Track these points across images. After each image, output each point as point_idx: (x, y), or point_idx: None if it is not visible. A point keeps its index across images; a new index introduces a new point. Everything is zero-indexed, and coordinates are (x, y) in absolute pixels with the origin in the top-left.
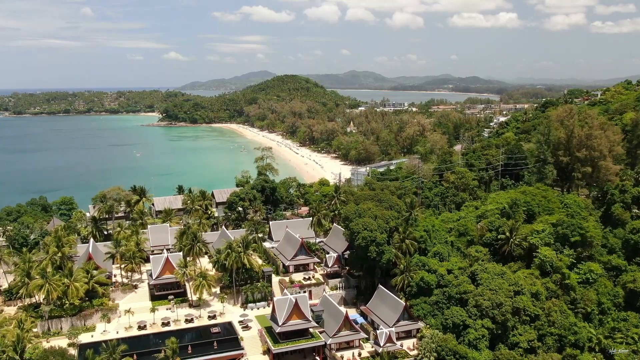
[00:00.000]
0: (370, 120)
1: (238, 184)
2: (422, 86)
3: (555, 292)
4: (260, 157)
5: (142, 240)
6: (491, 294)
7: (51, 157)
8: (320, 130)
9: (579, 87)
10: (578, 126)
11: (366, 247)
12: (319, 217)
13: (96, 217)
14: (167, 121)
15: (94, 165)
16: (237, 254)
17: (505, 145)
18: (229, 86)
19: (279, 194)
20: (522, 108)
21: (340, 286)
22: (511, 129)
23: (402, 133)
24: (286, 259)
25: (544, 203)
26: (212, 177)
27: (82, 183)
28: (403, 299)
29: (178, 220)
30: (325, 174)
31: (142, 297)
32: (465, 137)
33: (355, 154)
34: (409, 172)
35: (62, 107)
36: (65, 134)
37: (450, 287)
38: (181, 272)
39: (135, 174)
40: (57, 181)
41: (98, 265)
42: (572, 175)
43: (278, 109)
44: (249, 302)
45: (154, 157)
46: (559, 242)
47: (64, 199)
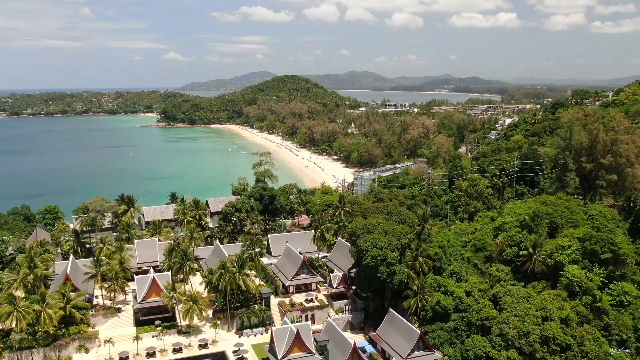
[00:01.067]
0: (372, 121)
1: (234, 192)
2: (422, 86)
3: (587, 316)
4: (259, 162)
5: (127, 258)
6: (517, 320)
7: (41, 159)
8: (320, 131)
9: (580, 87)
10: (602, 130)
11: (376, 267)
12: (322, 230)
13: (78, 230)
14: (166, 122)
15: (87, 168)
16: (231, 274)
17: (517, 148)
18: (229, 86)
19: (278, 202)
20: (525, 109)
21: (346, 309)
22: (520, 131)
23: (405, 135)
24: (286, 278)
25: (567, 214)
26: (210, 181)
27: (72, 188)
28: (416, 323)
29: (169, 233)
30: (327, 177)
31: (126, 321)
32: (470, 139)
33: (357, 157)
34: (417, 178)
35: (60, 108)
36: (59, 135)
37: (470, 312)
38: (169, 295)
39: (129, 178)
40: (45, 185)
41: (76, 286)
42: (596, 184)
43: (278, 110)
44: (245, 327)
45: (150, 159)
46: (587, 259)
47: (48, 208)
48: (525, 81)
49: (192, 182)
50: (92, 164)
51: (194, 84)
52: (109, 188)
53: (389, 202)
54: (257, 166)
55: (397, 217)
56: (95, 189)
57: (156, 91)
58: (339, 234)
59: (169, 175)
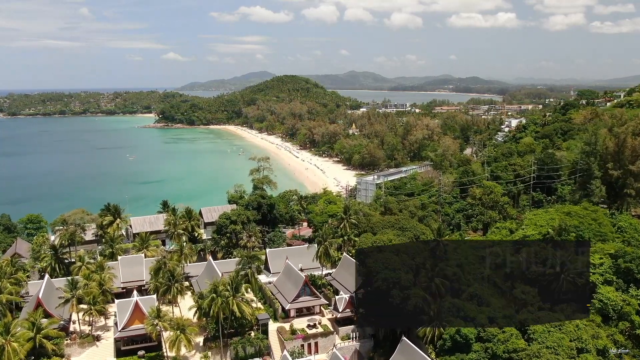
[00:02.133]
0: (374, 122)
1: (230, 200)
2: (422, 86)
3: (625, 346)
4: (257, 168)
5: (107, 279)
6: (549, 353)
7: (30, 161)
8: (321, 132)
9: (580, 87)
10: (631, 134)
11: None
12: (326, 246)
13: (57, 245)
14: (164, 123)
15: (78, 171)
16: (224, 299)
17: (530, 152)
18: (229, 87)
19: (277, 211)
20: (527, 109)
21: (354, 336)
22: (530, 133)
23: (408, 136)
24: (286, 300)
25: (595, 227)
26: (207, 184)
27: (60, 193)
28: (433, 354)
29: (157, 247)
30: (328, 180)
31: (106, 351)
32: (475, 140)
33: (359, 159)
34: (427, 185)
35: (58, 108)
36: (53, 136)
37: (494, 342)
38: (153, 323)
39: (121, 182)
40: (31, 190)
41: (49, 312)
42: (624, 192)
43: (277, 110)
44: (240, 358)
45: (146, 161)
46: (621, 279)
47: (30, 217)
48: (526, 81)
49: (188, 185)
50: (84, 167)
51: (194, 84)
52: (99, 193)
53: (399, 215)
54: (254, 172)
55: (410, 233)
56: (84, 194)
57: (155, 91)
58: (344, 248)
59: (164, 178)
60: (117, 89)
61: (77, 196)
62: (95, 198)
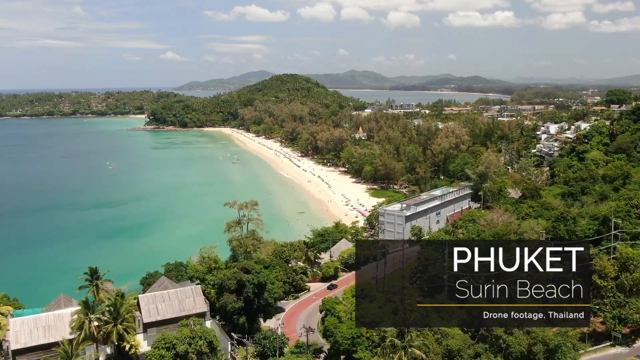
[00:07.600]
0: (383, 125)
1: (193, 276)
2: (423, 86)
3: None
4: (237, 221)
5: None
6: None
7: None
8: (325, 138)
9: (581, 86)
10: None
11: None
12: None
13: None
14: (155, 125)
15: (39, 185)
16: None
17: (620, 176)
18: (228, 86)
19: (270, 292)
20: (541, 110)
21: None
22: (594, 145)
23: (431, 144)
24: None
25: None
26: (190, 203)
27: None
28: None
29: None
30: (335, 197)
31: None
32: (509, 149)
33: (370, 170)
34: (498, 234)
35: (46, 109)
36: (30, 140)
37: None
38: None
39: (84, 205)
40: None
41: None
42: None
43: (276, 112)
44: None
45: (128, 171)
46: None
47: None
48: (526, 80)
49: (167, 205)
50: (49, 179)
51: (193, 84)
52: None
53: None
54: (233, 226)
55: None
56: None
57: (148, 91)
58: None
59: (141, 195)
60: (115, 88)
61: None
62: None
